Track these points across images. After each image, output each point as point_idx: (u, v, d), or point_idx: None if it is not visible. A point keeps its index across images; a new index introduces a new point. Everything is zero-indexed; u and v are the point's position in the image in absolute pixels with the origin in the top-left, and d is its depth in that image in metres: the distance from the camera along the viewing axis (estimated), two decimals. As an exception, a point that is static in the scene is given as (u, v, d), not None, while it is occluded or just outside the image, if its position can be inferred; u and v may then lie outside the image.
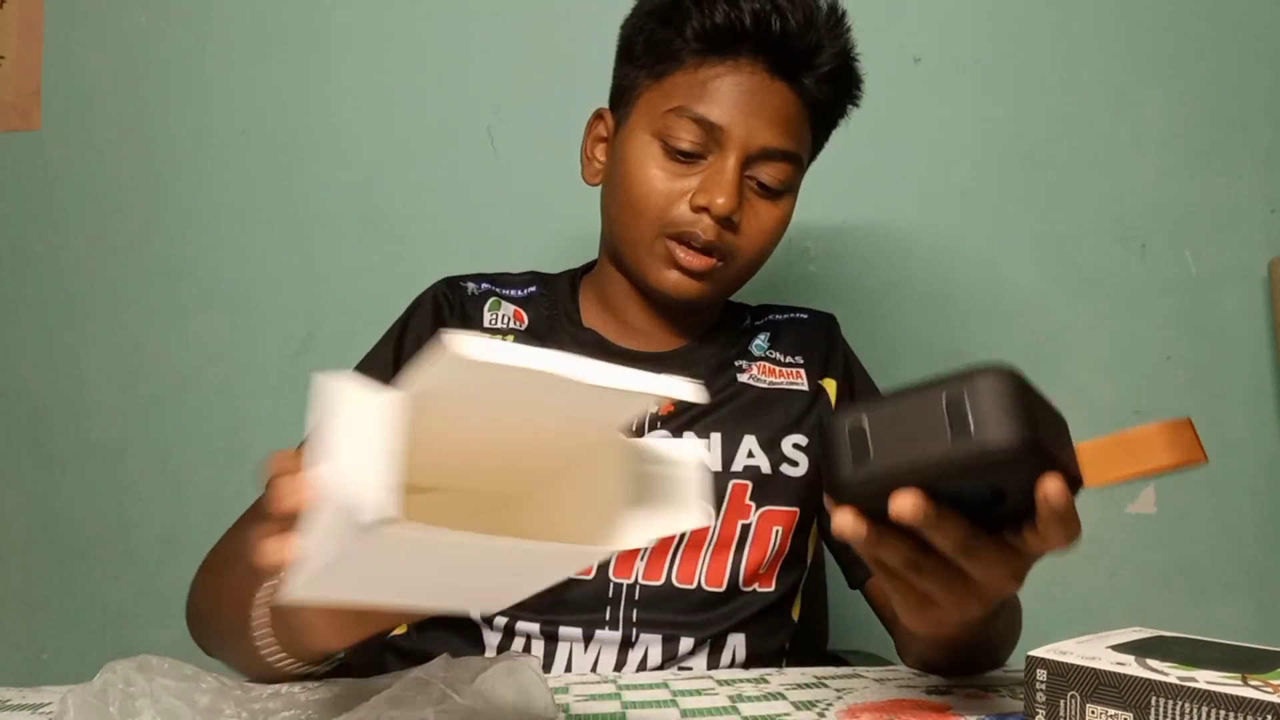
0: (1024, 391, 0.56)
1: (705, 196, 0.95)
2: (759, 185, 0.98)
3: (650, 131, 0.98)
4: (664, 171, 0.97)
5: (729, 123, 0.95)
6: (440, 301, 1.09)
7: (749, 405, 1.04)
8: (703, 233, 0.95)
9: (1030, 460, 0.55)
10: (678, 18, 0.97)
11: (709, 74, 0.96)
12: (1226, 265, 1.54)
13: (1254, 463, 1.53)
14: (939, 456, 0.56)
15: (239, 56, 1.57)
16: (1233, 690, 0.55)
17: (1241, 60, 1.55)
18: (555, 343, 1.04)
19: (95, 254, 1.57)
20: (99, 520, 1.56)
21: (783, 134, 0.97)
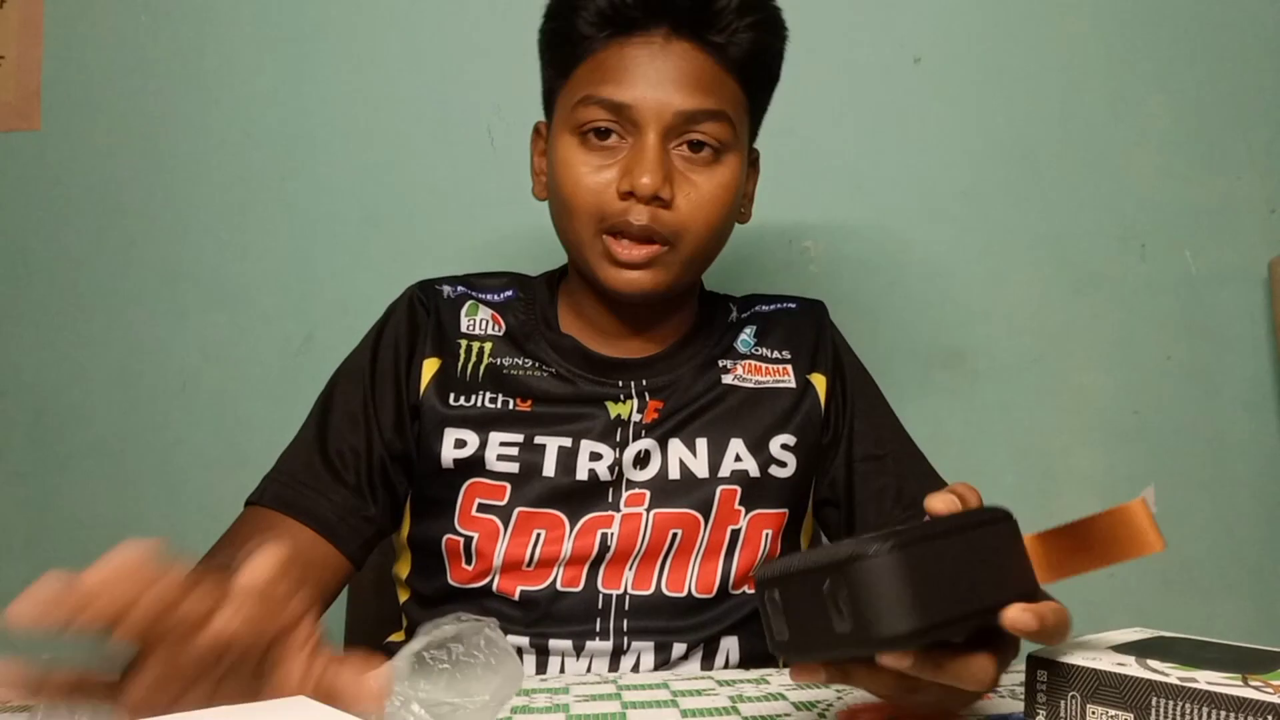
0: (912, 563, 0.52)
1: (628, 180, 0.91)
2: (690, 149, 0.93)
3: (568, 129, 0.95)
4: (585, 165, 0.94)
5: (636, 98, 0.91)
6: (415, 305, 1.06)
7: (735, 407, 1.02)
8: (635, 219, 0.92)
9: (937, 632, 0.53)
10: (568, 10, 0.95)
11: (609, 55, 0.93)
12: (1226, 265, 1.54)
13: (1254, 463, 1.53)
14: (839, 641, 0.53)
15: (239, 56, 1.57)
16: (1233, 691, 0.55)
17: (1241, 60, 1.55)
18: (534, 349, 1.03)
19: (95, 254, 1.57)
20: (99, 520, 1.56)
21: (698, 94, 0.92)
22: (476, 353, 1.02)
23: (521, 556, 0.97)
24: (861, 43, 1.56)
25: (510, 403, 0.99)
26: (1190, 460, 1.53)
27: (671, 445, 1.00)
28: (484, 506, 0.98)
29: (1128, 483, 1.54)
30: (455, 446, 0.98)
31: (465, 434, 0.98)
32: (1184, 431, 1.54)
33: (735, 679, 0.84)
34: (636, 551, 0.98)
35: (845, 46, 1.56)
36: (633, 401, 1.00)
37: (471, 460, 0.97)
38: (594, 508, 0.98)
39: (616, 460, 0.98)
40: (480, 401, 0.99)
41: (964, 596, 0.54)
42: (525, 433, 0.98)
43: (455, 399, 0.99)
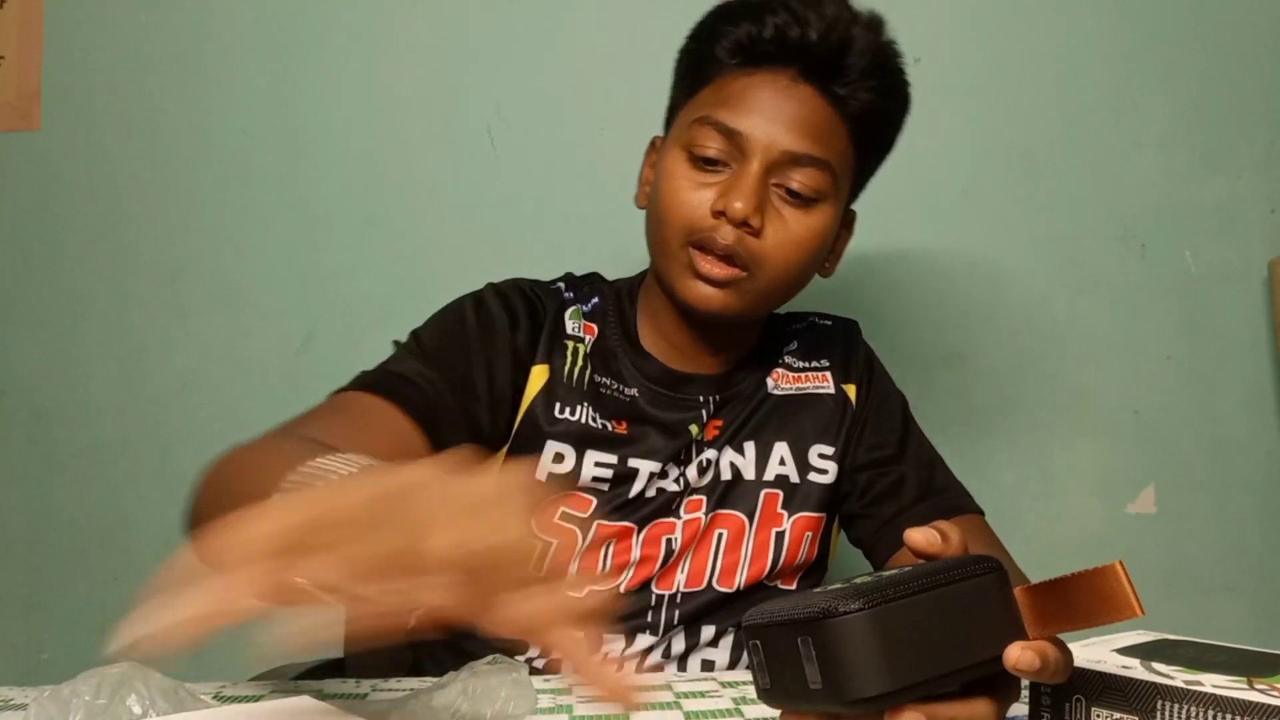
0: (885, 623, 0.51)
1: (723, 201, 0.93)
2: (787, 192, 0.96)
3: (680, 144, 0.98)
4: (688, 180, 0.96)
5: (750, 128, 0.94)
6: (534, 300, 1.05)
7: (780, 412, 1.06)
8: (721, 238, 0.94)
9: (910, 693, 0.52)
10: (708, 35, 0.98)
11: (735, 84, 0.95)
12: (1226, 265, 1.54)
13: (1254, 463, 1.53)
14: (813, 696, 0.53)
15: (239, 56, 1.57)
16: (1239, 694, 0.55)
17: (1241, 60, 1.55)
18: (619, 366, 1.04)
19: (95, 254, 1.57)
20: (99, 520, 1.56)
21: (809, 139, 0.94)
22: (583, 358, 1.04)
23: (593, 568, 1.00)
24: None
25: (608, 425, 1.01)
26: (1190, 460, 1.54)
27: (725, 451, 1.04)
28: (567, 515, 1.00)
29: (1128, 483, 1.54)
30: (554, 461, 0.99)
31: (564, 449, 1.00)
32: (1184, 431, 1.54)
33: (739, 680, 0.84)
34: (690, 549, 1.01)
35: (846, 46, 1.56)
36: (702, 420, 1.04)
37: (568, 475, 1.00)
38: (660, 516, 1.01)
39: (682, 473, 1.02)
40: (583, 417, 1.01)
41: (942, 655, 0.53)
42: (620, 454, 1.00)
43: (560, 410, 1.00)
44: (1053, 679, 0.56)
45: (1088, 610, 0.55)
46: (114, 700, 0.60)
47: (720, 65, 0.97)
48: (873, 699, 0.51)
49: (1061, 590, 0.56)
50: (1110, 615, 0.54)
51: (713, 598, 1.01)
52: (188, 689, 0.65)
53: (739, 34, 0.95)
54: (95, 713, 0.59)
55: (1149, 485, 1.54)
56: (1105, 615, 0.54)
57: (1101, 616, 0.54)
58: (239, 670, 0.96)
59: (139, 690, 0.61)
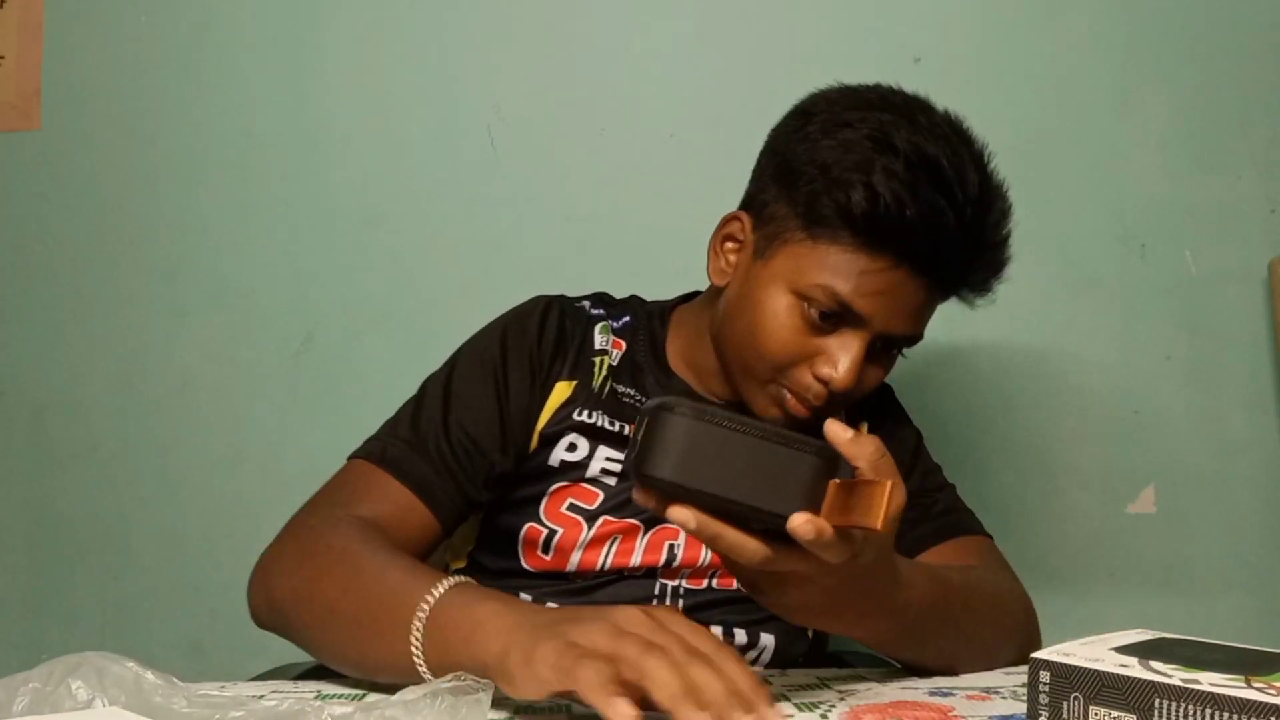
0: (698, 434, 0.62)
1: (828, 370, 0.95)
2: (878, 347, 0.99)
3: (793, 291, 0.96)
4: (798, 332, 0.96)
5: (870, 313, 0.94)
6: (563, 319, 1.08)
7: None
8: (815, 399, 0.97)
9: (691, 496, 0.62)
10: (848, 194, 0.92)
11: (863, 264, 0.93)
12: (1226, 265, 1.54)
13: (1254, 463, 1.53)
14: (628, 470, 0.63)
15: (239, 56, 1.57)
16: (1236, 692, 0.55)
17: (1241, 60, 1.55)
18: (643, 381, 1.07)
19: (95, 254, 1.57)
20: (99, 520, 1.56)
21: (916, 322, 0.99)
22: (607, 369, 1.07)
23: (595, 563, 1.02)
24: (861, 43, 1.56)
25: (624, 427, 1.04)
26: (1190, 460, 1.53)
27: None
28: (574, 507, 1.02)
29: (1128, 483, 1.54)
30: (568, 449, 1.03)
31: (579, 440, 1.03)
32: (1184, 431, 1.54)
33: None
34: (701, 563, 1.03)
35: (845, 46, 1.56)
36: None
37: (577, 465, 1.03)
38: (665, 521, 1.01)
39: None
40: (599, 421, 1.04)
41: (733, 484, 0.62)
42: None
43: (578, 414, 1.04)
44: (823, 553, 0.63)
45: (856, 511, 0.62)
46: (60, 686, 0.60)
47: (848, 230, 0.93)
48: (652, 478, 0.62)
49: (853, 489, 0.63)
50: (862, 519, 0.61)
51: (715, 596, 1.03)
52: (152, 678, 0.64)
53: (883, 221, 0.91)
54: (41, 699, 0.59)
55: (1149, 485, 1.54)
56: (860, 518, 0.61)
57: (857, 518, 0.62)
58: (239, 670, 0.96)
59: (86, 677, 0.61)
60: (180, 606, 1.56)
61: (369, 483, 0.97)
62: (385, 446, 1.00)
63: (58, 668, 0.62)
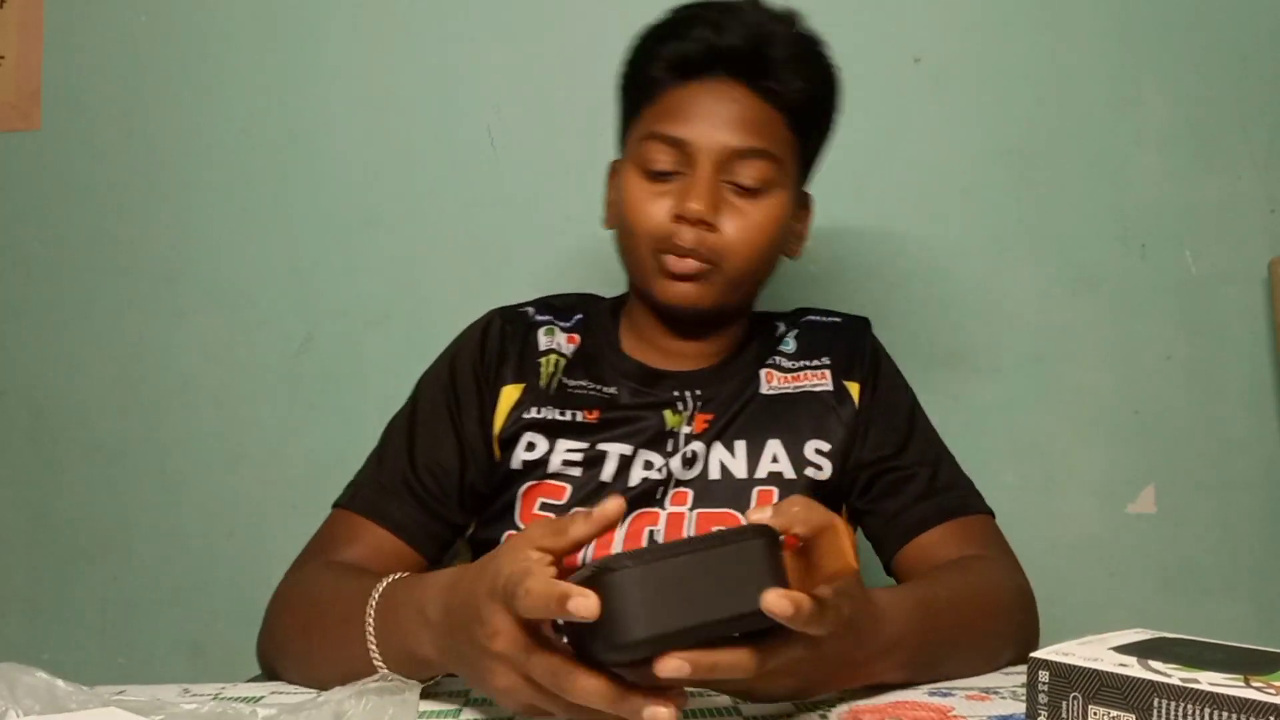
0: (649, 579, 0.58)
1: (680, 205, 1.00)
2: (737, 187, 1.02)
3: (633, 162, 1.05)
4: (646, 193, 1.03)
5: (694, 135, 1.01)
6: (499, 332, 1.12)
7: (773, 410, 1.08)
8: (682, 240, 1.00)
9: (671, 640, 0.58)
10: (643, 58, 1.06)
11: (674, 98, 1.03)
12: (1226, 265, 1.54)
13: (1254, 463, 1.53)
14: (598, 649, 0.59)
15: (239, 56, 1.57)
16: (1235, 692, 0.55)
17: (1241, 60, 1.55)
18: (599, 371, 1.10)
19: (95, 254, 1.57)
20: (99, 520, 1.56)
21: (750, 134, 1.01)
22: (554, 365, 1.10)
23: (575, 560, 1.00)
24: (861, 43, 1.55)
25: (578, 415, 1.07)
26: (1190, 460, 1.53)
27: (714, 448, 1.06)
28: (545, 505, 1.04)
29: (1128, 483, 1.54)
30: (526, 449, 1.05)
31: (537, 438, 1.06)
32: (1184, 431, 1.54)
33: (736, 680, 0.84)
34: None
35: (845, 46, 1.55)
36: (685, 413, 1.07)
37: (538, 462, 1.05)
38: (643, 505, 1.03)
39: (665, 464, 1.04)
40: (552, 414, 1.06)
41: (702, 607, 0.58)
42: (590, 440, 1.05)
43: (532, 410, 1.07)
44: (807, 627, 0.61)
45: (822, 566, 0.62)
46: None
47: (658, 83, 1.04)
48: (634, 644, 0.57)
49: (808, 549, 0.62)
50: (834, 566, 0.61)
51: None
52: (64, 685, 0.63)
53: (669, 52, 1.03)
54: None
55: (1149, 485, 1.54)
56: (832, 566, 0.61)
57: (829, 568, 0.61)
58: (239, 670, 0.96)
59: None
60: (180, 606, 1.56)
61: (348, 531, 1.01)
62: (357, 491, 1.04)
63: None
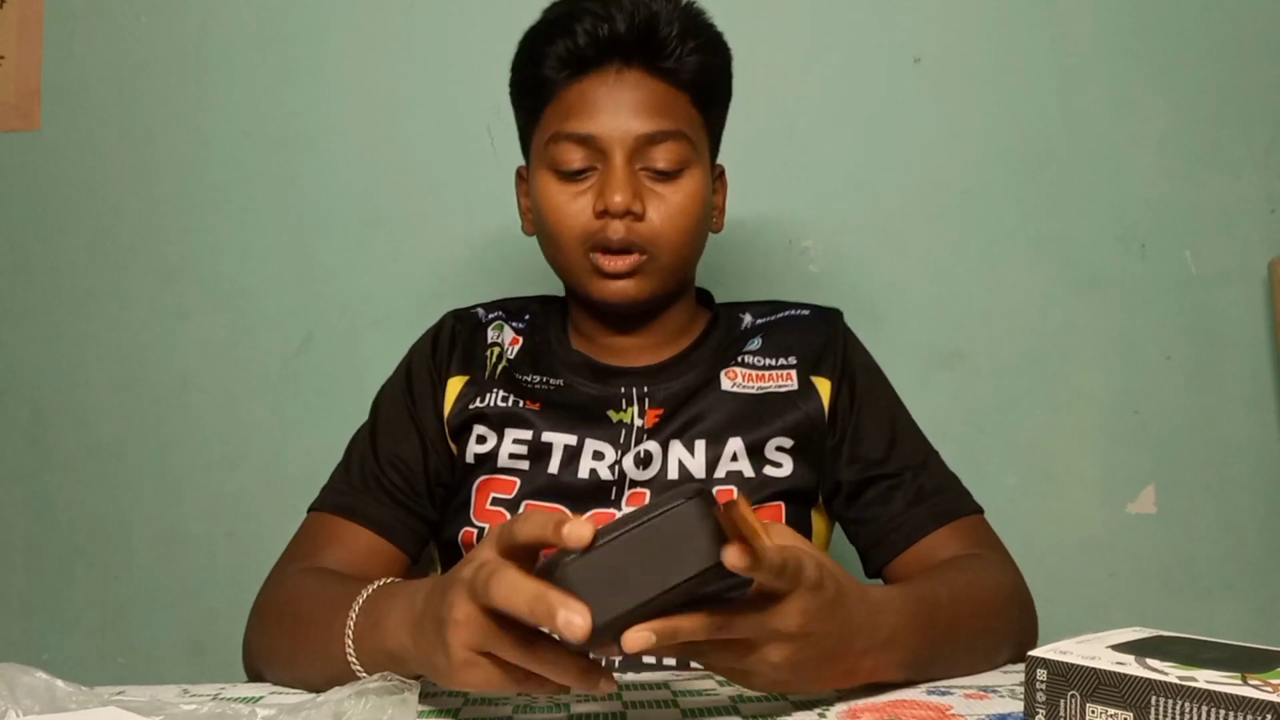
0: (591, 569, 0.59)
1: (602, 201, 0.99)
2: (655, 173, 1.01)
3: (544, 166, 1.03)
4: (564, 195, 1.01)
5: (599, 128, 0.99)
6: (444, 331, 1.12)
7: (734, 412, 1.05)
8: (613, 235, 0.99)
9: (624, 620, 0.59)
10: (530, 60, 1.05)
11: (571, 95, 1.01)
12: (1226, 265, 1.54)
13: (1254, 463, 1.53)
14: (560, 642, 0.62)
15: (239, 56, 1.57)
16: (1233, 690, 0.55)
17: (1241, 60, 1.55)
18: (546, 364, 1.09)
19: (95, 254, 1.57)
20: (99, 520, 1.56)
21: (657, 117, 1.00)
22: (498, 356, 1.09)
23: None
24: (861, 43, 1.56)
25: (521, 403, 1.06)
26: (1190, 460, 1.53)
27: (672, 447, 1.04)
28: (496, 500, 1.04)
29: (1128, 483, 1.54)
30: (477, 442, 1.05)
31: (485, 431, 1.05)
32: (1184, 431, 1.54)
33: (735, 679, 0.84)
34: None
35: (845, 46, 1.56)
36: (634, 408, 1.05)
37: (487, 455, 1.04)
38: (596, 505, 1.02)
39: (617, 461, 1.02)
40: (494, 401, 1.06)
41: (651, 581, 0.59)
42: (534, 430, 1.04)
43: (476, 400, 1.06)
44: (774, 577, 0.62)
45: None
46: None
47: (553, 83, 1.02)
48: (595, 630, 0.58)
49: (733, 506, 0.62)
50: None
51: None
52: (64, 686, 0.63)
53: (558, 50, 1.01)
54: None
55: (1149, 485, 1.54)
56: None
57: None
58: (240, 670, 0.96)
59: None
60: (180, 606, 1.56)
61: (325, 532, 1.01)
62: (330, 493, 1.04)
63: None
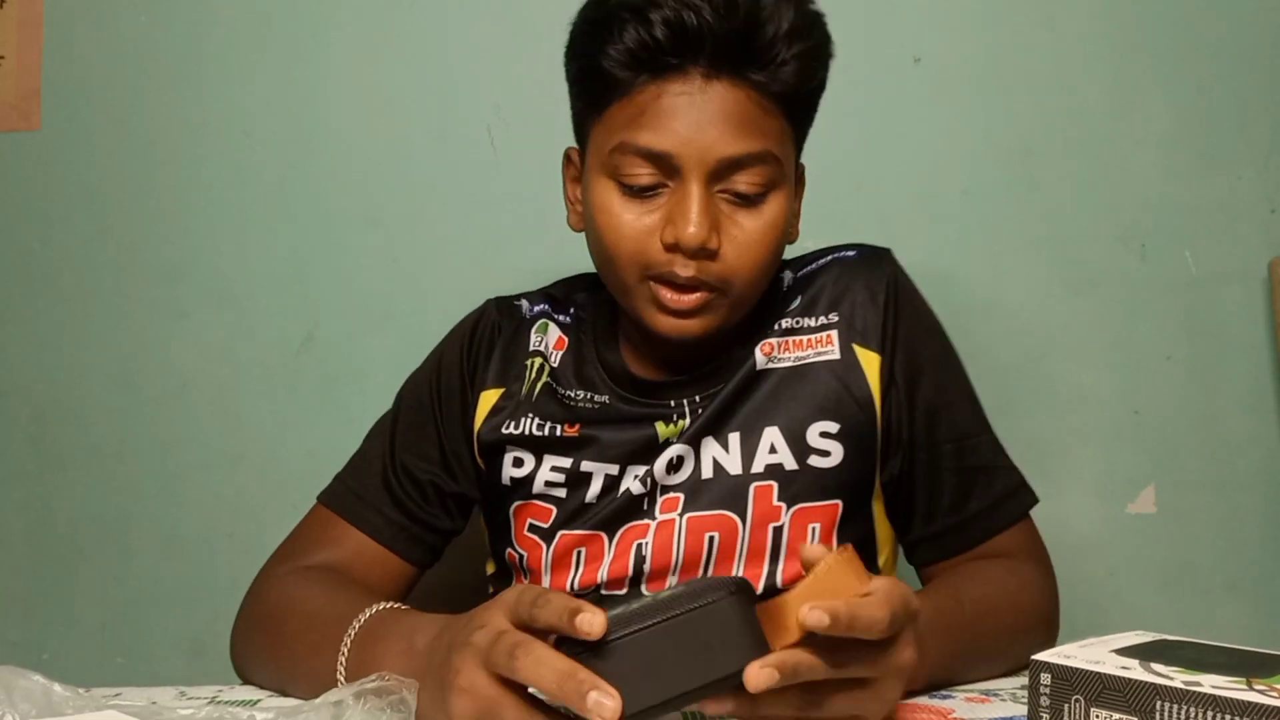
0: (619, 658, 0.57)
1: (672, 232, 0.86)
2: (736, 196, 0.88)
3: (605, 173, 0.90)
4: (628, 214, 0.89)
5: (677, 146, 0.85)
6: (482, 330, 1.04)
7: (770, 392, 0.95)
8: (681, 270, 0.87)
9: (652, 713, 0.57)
10: (597, 45, 0.88)
11: (644, 98, 0.86)
12: (1226, 265, 1.54)
13: (1254, 463, 1.53)
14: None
15: (239, 56, 1.57)
16: (1238, 695, 0.55)
17: (1241, 60, 1.55)
18: (589, 373, 1.00)
19: (95, 254, 1.57)
20: (99, 520, 1.56)
21: (743, 137, 0.86)
22: (538, 370, 1.00)
23: (564, 583, 0.96)
24: (861, 43, 1.56)
25: (559, 428, 0.97)
26: (1190, 460, 1.53)
27: (705, 445, 0.94)
28: (533, 527, 0.98)
29: (1128, 483, 1.54)
30: (513, 465, 0.99)
31: (523, 454, 0.98)
32: (1184, 431, 1.54)
33: (738, 681, 0.84)
34: (675, 564, 0.93)
35: (845, 46, 1.55)
36: (684, 421, 0.96)
37: (525, 480, 0.98)
38: (631, 519, 0.95)
39: (649, 470, 0.94)
40: (529, 428, 0.98)
41: (679, 678, 0.57)
42: (574, 457, 0.96)
43: (508, 425, 0.99)
44: (811, 676, 0.58)
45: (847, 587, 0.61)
46: None
47: (616, 75, 0.87)
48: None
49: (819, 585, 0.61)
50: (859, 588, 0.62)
51: None
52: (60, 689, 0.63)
53: (628, 43, 0.85)
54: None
55: (1149, 485, 1.54)
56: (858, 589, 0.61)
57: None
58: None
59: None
60: (180, 606, 1.56)
61: (328, 532, 0.98)
62: (337, 489, 1.00)
63: None
